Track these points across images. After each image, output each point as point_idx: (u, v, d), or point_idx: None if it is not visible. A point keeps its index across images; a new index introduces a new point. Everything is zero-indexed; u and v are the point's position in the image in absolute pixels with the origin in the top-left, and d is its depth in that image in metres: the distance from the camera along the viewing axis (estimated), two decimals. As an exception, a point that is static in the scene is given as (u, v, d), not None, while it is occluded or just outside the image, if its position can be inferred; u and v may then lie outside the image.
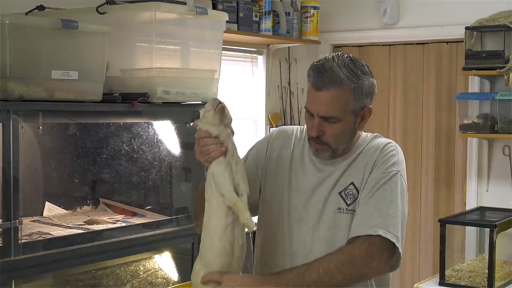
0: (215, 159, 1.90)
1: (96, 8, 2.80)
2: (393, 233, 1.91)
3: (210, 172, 1.92)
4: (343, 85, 1.93)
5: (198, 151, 1.93)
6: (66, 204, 3.05)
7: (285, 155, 2.12)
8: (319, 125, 1.97)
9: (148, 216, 3.04)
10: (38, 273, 2.56)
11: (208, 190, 1.93)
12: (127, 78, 2.85)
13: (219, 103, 1.90)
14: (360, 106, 1.99)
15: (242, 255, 1.95)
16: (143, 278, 2.95)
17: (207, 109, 1.91)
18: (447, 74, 4.52)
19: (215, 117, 1.89)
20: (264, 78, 4.64)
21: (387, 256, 1.91)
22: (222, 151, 1.89)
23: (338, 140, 2.00)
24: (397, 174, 1.99)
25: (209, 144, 1.90)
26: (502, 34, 4.00)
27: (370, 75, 2.01)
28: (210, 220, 1.92)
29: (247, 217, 1.87)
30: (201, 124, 1.92)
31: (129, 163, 3.11)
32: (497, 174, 4.27)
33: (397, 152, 2.04)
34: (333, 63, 1.94)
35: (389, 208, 1.94)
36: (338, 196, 2.02)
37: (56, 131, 3.03)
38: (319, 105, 1.96)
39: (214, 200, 1.91)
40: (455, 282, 3.72)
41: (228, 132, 1.93)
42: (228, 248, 1.90)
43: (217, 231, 1.90)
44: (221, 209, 1.90)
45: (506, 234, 3.78)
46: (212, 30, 3.03)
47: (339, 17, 4.81)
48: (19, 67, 2.40)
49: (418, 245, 4.64)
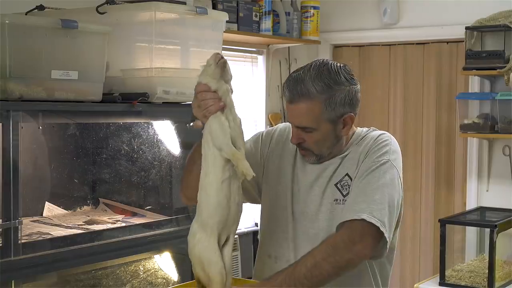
0: (212, 113, 1.88)
1: (96, 8, 2.79)
2: (377, 217, 1.89)
3: (207, 127, 1.90)
4: (313, 97, 1.97)
5: (196, 105, 1.92)
6: (66, 204, 3.05)
7: (289, 149, 2.16)
8: (297, 134, 2.04)
9: (148, 216, 3.04)
10: (38, 273, 2.56)
11: (204, 145, 1.91)
12: (127, 78, 2.85)
13: (222, 57, 1.90)
14: (336, 115, 2.00)
15: (238, 213, 1.93)
16: (143, 278, 2.95)
17: (209, 63, 1.90)
18: (447, 74, 4.52)
19: (216, 71, 1.89)
20: (264, 78, 4.64)
21: (371, 241, 1.90)
22: (221, 106, 1.89)
23: (320, 146, 2.04)
24: (387, 162, 2.00)
25: (207, 98, 1.89)
26: (502, 34, 4.00)
27: (349, 83, 2.00)
28: (206, 175, 1.90)
29: (246, 165, 1.85)
30: (201, 77, 1.91)
31: (129, 163, 3.11)
32: (497, 174, 4.27)
33: (390, 142, 2.06)
34: (306, 75, 1.98)
35: (375, 194, 1.94)
36: (334, 188, 2.05)
37: (56, 131, 3.03)
38: (293, 117, 2.03)
39: (210, 155, 1.89)
40: (455, 282, 3.72)
41: (227, 87, 1.91)
42: (225, 203, 1.88)
43: (213, 186, 1.88)
44: (218, 164, 1.88)
45: (506, 234, 3.78)
46: (212, 30, 3.03)
47: (339, 17, 4.81)
48: (19, 67, 2.39)
49: (418, 245, 4.64)
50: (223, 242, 1.93)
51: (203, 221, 1.90)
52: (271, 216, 2.14)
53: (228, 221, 1.90)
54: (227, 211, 1.89)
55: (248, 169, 1.86)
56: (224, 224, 1.90)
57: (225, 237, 1.92)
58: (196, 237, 1.90)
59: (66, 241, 2.58)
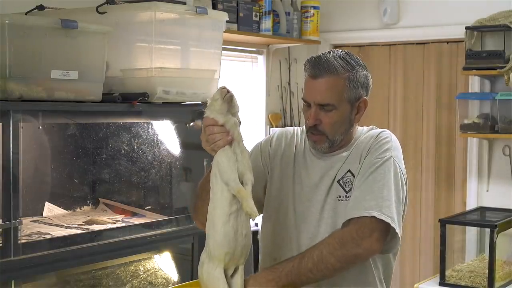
0: (221, 147, 1.90)
1: (96, 8, 2.79)
2: (387, 214, 1.93)
3: (216, 160, 1.91)
4: (338, 73, 2.01)
5: (204, 139, 1.93)
6: (66, 204, 3.05)
7: (289, 152, 2.17)
8: (316, 113, 2.03)
9: (148, 216, 3.04)
10: (38, 273, 2.56)
11: (213, 179, 1.92)
12: (127, 78, 2.85)
13: (228, 92, 1.89)
14: (355, 96, 2.04)
15: (247, 244, 1.94)
16: (143, 278, 2.95)
17: (215, 97, 1.90)
18: (447, 74, 4.52)
19: (223, 106, 1.89)
20: (264, 78, 4.64)
21: (379, 236, 1.93)
22: (228, 140, 1.90)
23: (335, 130, 2.05)
24: (390, 159, 2.02)
25: (215, 133, 1.90)
26: (502, 34, 4.00)
27: (364, 68, 2.07)
28: (214, 209, 1.91)
29: (250, 205, 1.87)
30: (208, 112, 1.91)
31: (129, 163, 3.11)
32: (497, 174, 4.27)
33: (391, 139, 2.08)
34: (329, 54, 2.04)
35: (382, 191, 1.96)
36: (337, 185, 2.06)
37: (56, 131, 3.02)
38: (315, 93, 2.02)
39: (218, 189, 1.90)
40: (455, 282, 3.72)
41: (235, 121, 1.92)
42: (232, 236, 1.89)
43: (220, 219, 1.89)
44: (225, 197, 1.89)
45: (507, 234, 3.78)
46: (212, 30, 3.03)
47: (339, 17, 4.81)
48: (19, 67, 2.40)
49: (418, 245, 4.63)
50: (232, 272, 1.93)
51: (210, 252, 1.91)
52: (274, 219, 2.14)
53: (236, 253, 1.91)
54: (234, 243, 1.90)
55: (252, 208, 1.87)
56: (231, 256, 1.90)
57: (233, 268, 1.93)
58: (204, 267, 1.92)
59: (66, 241, 2.58)
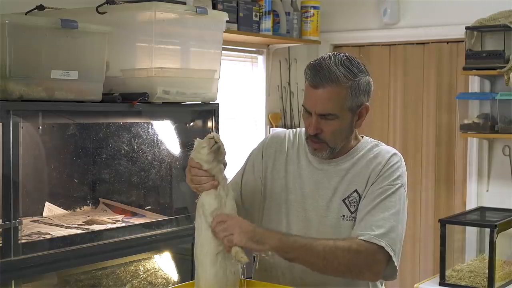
0: (205, 190, 1.91)
1: (96, 8, 2.79)
2: (392, 246, 1.94)
3: (200, 202, 1.92)
4: (340, 82, 1.95)
5: (188, 178, 1.94)
6: (66, 204, 3.04)
7: (280, 159, 2.14)
8: (317, 122, 1.98)
9: (148, 216, 3.04)
10: (38, 273, 2.55)
11: (198, 219, 1.93)
12: (127, 78, 2.85)
13: (216, 142, 1.88)
14: (357, 103, 2.00)
15: (236, 281, 1.93)
16: (143, 278, 2.95)
17: (203, 145, 1.88)
18: (447, 74, 4.52)
19: (210, 155, 1.88)
20: (264, 78, 4.64)
21: (383, 267, 1.95)
22: (214, 184, 1.90)
23: (336, 138, 2.01)
24: (402, 187, 2.02)
25: (200, 176, 1.90)
26: (502, 34, 4.00)
27: (366, 73, 2.03)
28: (201, 246, 1.91)
29: (235, 250, 1.85)
30: (194, 154, 1.90)
31: (129, 163, 3.11)
32: (497, 174, 4.28)
33: (402, 164, 2.07)
34: (330, 61, 1.96)
35: (392, 220, 1.96)
36: (342, 204, 2.03)
37: (56, 131, 3.02)
38: (316, 103, 1.97)
39: (204, 228, 1.90)
40: (455, 282, 3.73)
41: (220, 167, 1.92)
42: (221, 275, 1.89)
43: (207, 258, 1.89)
44: (211, 237, 1.89)
45: (506, 234, 3.78)
46: (212, 30, 3.03)
47: (339, 17, 4.81)
48: (19, 67, 2.39)
49: (418, 245, 4.64)
50: None
51: None
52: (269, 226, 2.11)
53: None
54: (225, 280, 1.90)
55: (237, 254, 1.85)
56: None
57: None
58: None
59: (66, 241, 2.58)
